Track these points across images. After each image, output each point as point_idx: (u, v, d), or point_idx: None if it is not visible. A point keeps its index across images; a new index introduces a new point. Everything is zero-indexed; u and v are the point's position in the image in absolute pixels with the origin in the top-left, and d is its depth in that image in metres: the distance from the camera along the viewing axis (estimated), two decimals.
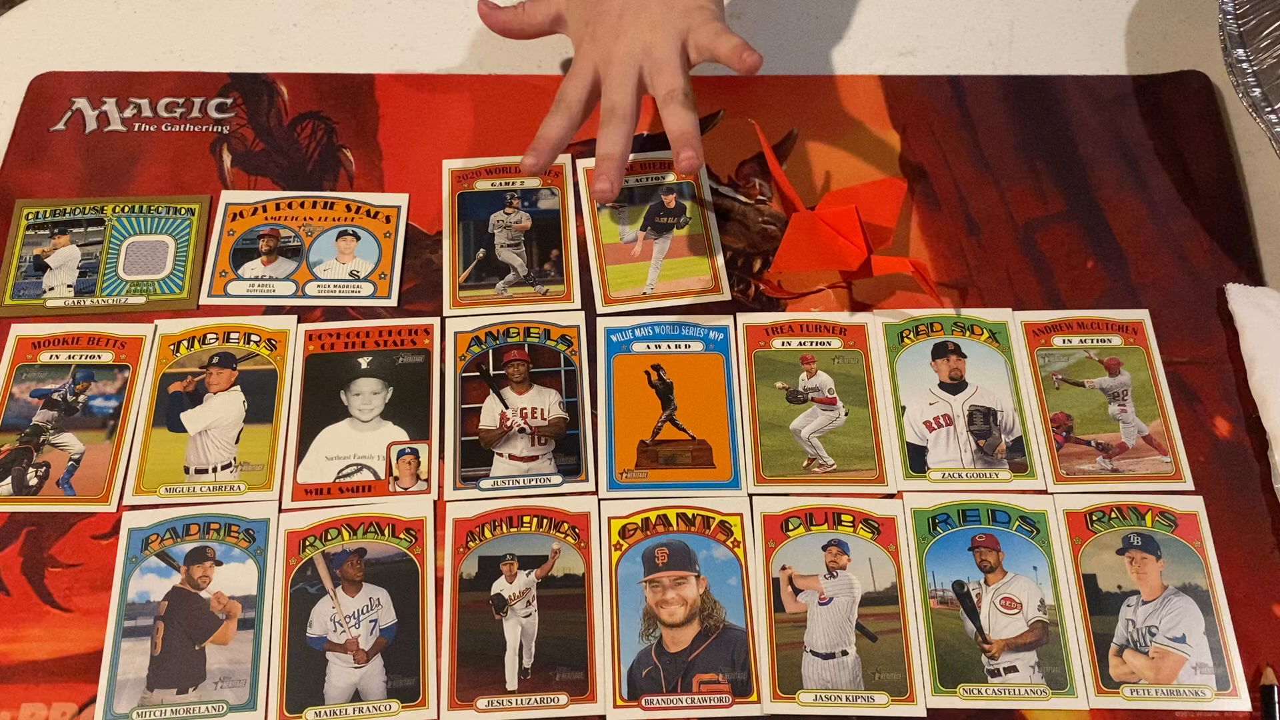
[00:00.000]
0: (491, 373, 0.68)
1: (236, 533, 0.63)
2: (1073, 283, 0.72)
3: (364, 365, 0.68)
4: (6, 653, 0.60)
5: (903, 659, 0.60)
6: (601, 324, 0.70)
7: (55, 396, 0.67)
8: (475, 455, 0.66)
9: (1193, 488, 0.65)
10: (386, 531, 0.63)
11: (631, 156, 0.76)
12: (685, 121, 0.67)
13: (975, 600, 0.62)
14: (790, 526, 0.64)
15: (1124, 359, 0.69)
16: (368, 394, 0.68)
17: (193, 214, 0.74)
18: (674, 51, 0.69)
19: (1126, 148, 0.77)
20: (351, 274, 0.72)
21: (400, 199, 0.75)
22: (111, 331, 0.69)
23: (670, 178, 0.76)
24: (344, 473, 0.65)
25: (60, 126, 0.77)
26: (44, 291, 0.71)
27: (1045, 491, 0.65)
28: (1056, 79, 0.80)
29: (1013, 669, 0.60)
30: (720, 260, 0.72)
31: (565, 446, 0.66)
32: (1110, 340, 0.70)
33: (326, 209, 0.74)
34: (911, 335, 0.70)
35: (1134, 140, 0.77)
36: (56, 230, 0.73)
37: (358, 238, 0.73)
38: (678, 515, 0.64)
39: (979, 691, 0.60)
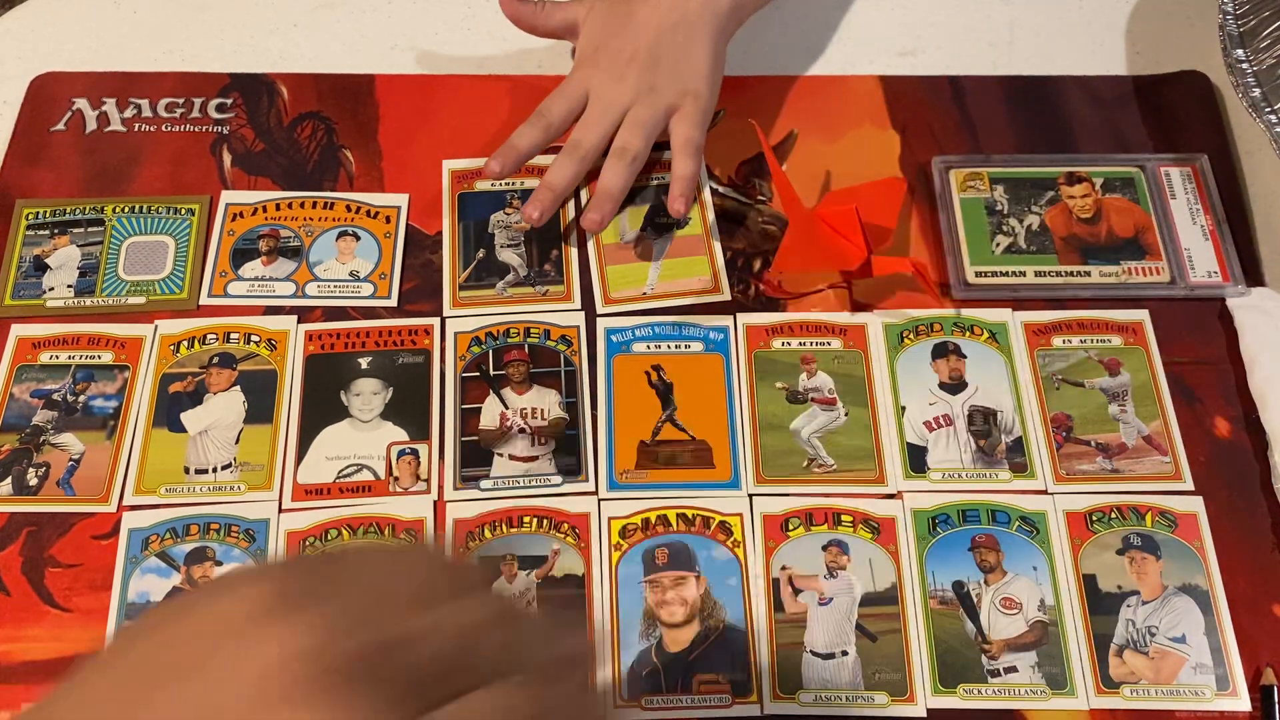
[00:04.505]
0: (491, 373, 0.68)
1: (236, 533, 0.63)
2: None
3: (364, 365, 0.68)
4: (6, 653, 0.60)
5: (903, 659, 0.60)
6: (601, 324, 0.70)
7: (55, 396, 0.67)
8: (475, 455, 0.66)
9: (1193, 488, 0.65)
10: (386, 532, 0.63)
11: None
12: (616, 180, 0.70)
13: (975, 600, 0.62)
14: (790, 527, 0.64)
15: (1124, 359, 0.69)
16: (368, 394, 0.68)
17: (193, 214, 0.74)
18: (654, 121, 0.71)
19: (1127, 148, 0.77)
20: (351, 274, 0.72)
21: (400, 199, 0.75)
22: (111, 331, 0.69)
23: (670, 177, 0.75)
24: (344, 473, 0.65)
25: (60, 127, 0.77)
26: (44, 291, 0.71)
27: (1045, 492, 0.65)
28: (1056, 79, 0.80)
29: (1013, 669, 0.60)
30: (720, 260, 0.72)
31: (565, 446, 0.66)
32: (1110, 341, 0.70)
33: (326, 209, 0.74)
34: (911, 335, 0.70)
35: (1134, 140, 0.77)
36: (56, 230, 0.73)
37: (358, 238, 0.73)
38: (678, 515, 0.64)
39: (979, 692, 0.60)
